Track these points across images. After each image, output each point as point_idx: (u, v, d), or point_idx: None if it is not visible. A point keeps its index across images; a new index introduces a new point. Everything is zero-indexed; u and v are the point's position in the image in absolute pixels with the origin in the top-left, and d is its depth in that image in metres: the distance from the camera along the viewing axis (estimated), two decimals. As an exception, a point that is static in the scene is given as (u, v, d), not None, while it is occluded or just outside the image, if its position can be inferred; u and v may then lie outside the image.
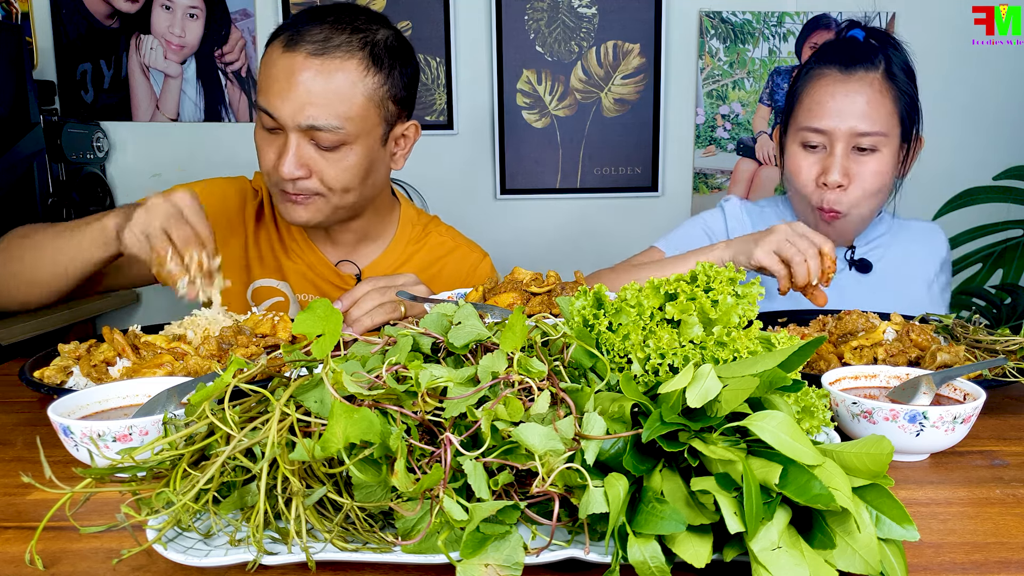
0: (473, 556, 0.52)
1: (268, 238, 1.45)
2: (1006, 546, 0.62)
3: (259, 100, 1.22)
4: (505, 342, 0.61)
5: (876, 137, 1.34)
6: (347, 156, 1.24)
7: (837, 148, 1.35)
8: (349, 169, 1.25)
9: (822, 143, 1.37)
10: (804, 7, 2.88)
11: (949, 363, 0.96)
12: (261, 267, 1.44)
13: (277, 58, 1.20)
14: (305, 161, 1.22)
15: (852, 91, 1.34)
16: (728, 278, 0.69)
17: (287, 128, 1.20)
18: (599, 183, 2.99)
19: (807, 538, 0.53)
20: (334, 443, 0.52)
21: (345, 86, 1.20)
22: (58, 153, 2.56)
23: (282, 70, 1.19)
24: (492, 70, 2.88)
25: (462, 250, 1.53)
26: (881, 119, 1.34)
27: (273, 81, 1.20)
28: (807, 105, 1.38)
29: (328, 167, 1.24)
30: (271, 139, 1.24)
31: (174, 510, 0.55)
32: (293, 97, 1.18)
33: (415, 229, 1.51)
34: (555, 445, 0.55)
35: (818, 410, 0.68)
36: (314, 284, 1.43)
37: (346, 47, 1.21)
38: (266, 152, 1.25)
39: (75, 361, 0.99)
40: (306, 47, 1.19)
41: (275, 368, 0.93)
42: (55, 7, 2.81)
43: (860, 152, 1.35)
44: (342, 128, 1.21)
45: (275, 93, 1.19)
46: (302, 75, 1.18)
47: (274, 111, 1.19)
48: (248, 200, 1.45)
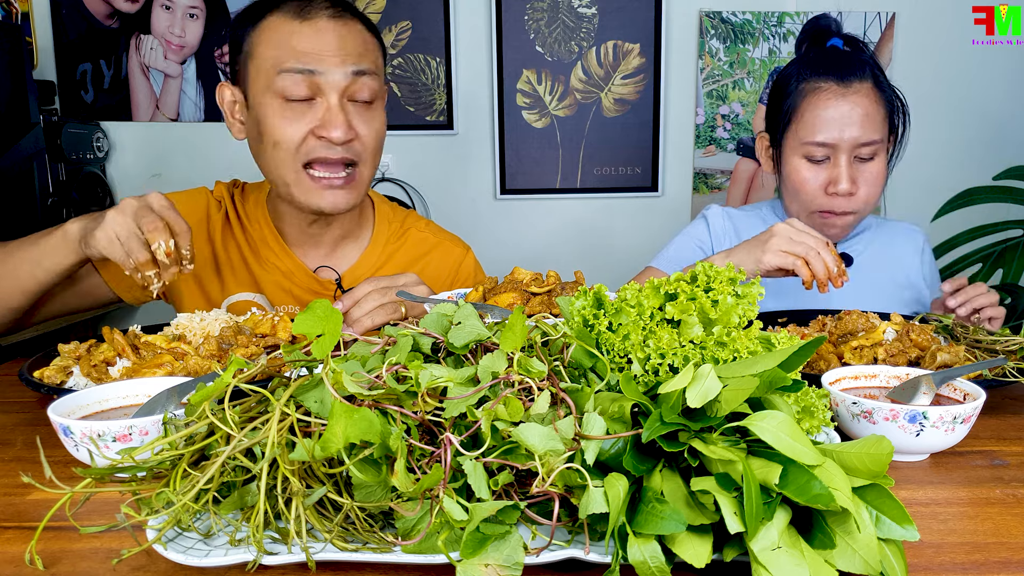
0: (473, 556, 0.52)
1: (238, 248, 1.39)
2: (1006, 546, 0.62)
3: (288, 64, 1.19)
4: (505, 342, 0.61)
5: (875, 146, 1.39)
6: (378, 112, 1.28)
7: (842, 159, 1.38)
8: (381, 130, 1.29)
9: (826, 155, 1.40)
10: (804, 7, 2.88)
11: (949, 363, 0.96)
12: (235, 280, 1.38)
13: (295, 27, 1.21)
14: (350, 121, 1.23)
15: (851, 103, 1.38)
16: (728, 278, 0.70)
17: (329, 86, 1.20)
18: (599, 183, 2.99)
19: (807, 538, 0.53)
20: (334, 443, 0.52)
21: (367, 39, 1.27)
22: (58, 153, 2.56)
23: (312, 31, 1.21)
24: (492, 70, 2.88)
25: (444, 245, 1.49)
26: (877, 127, 1.39)
27: (306, 43, 1.20)
28: (808, 120, 1.41)
29: (366, 127, 1.25)
30: (299, 111, 1.21)
31: (174, 510, 0.55)
32: (335, 48, 1.21)
33: (392, 227, 1.46)
34: (555, 445, 0.55)
35: (818, 410, 0.68)
36: (291, 294, 1.37)
37: (350, 13, 1.26)
38: (294, 127, 1.21)
39: (75, 361, 0.99)
40: (324, 12, 1.22)
41: (275, 368, 0.93)
42: (55, 7, 2.81)
43: (862, 161, 1.40)
44: (378, 75, 1.26)
45: (312, 52, 1.20)
46: (335, 31, 1.22)
47: (317, 66, 1.19)
48: (212, 212, 1.39)
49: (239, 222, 1.39)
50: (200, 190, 1.41)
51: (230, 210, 1.40)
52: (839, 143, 1.37)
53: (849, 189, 1.38)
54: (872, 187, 1.40)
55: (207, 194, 1.41)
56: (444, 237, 1.50)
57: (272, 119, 1.21)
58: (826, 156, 1.40)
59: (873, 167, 1.40)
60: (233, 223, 1.39)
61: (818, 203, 1.42)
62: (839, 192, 1.38)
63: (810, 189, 1.42)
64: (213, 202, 1.40)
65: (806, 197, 1.43)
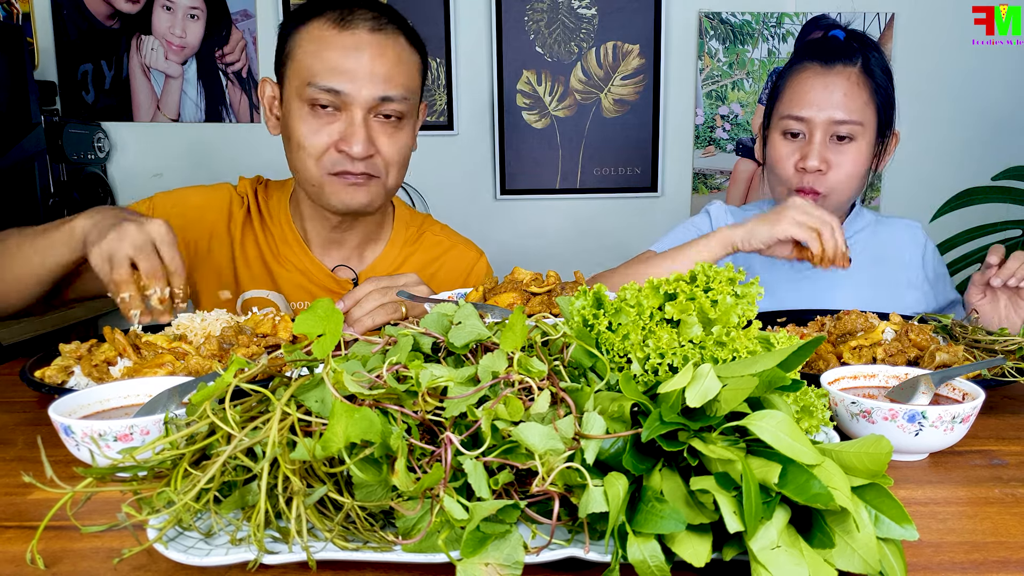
0: (473, 555, 0.53)
1: (256, 246, 1.40)
2: (1005, 545, 0.62)
3: (317, 80, 1.21)
4: (505, 342, 0.61)
5: (852, 126, 1.39)
6: (404, 131, 1.29)
7: (816, 136, 1.39)
8: (407, 144, 1.31)
9: (802, 131, 1.42)
10: (804, 7, 2.88)
11: (948, 363, 0.96)
12: (250, 277, 1.39)
13: (333, 37, 1.21)
14: (372, 138, 1.24)
15: (831, 83, 1.39)
16: (728, 278, 0.70)
17: (355, 104, 1.21)
18: (599, 183, 2.99)
19: (806, 537, 0.53)
20: (335, 442, 0.52)
21: (404, 57, 1.26)
22: (59, 153, 2.56)
23: (348, 46, 1.21)
24: (492, 70, 2.88)
25: (459, 248, 1.52)
26: (857, 109, 1.39)
27: (339, 58, 1.21)
28: (788, 96, 1.44)
29: (390, 143, 1.27)
30: (324, 121, 1.23)
31: (175, 509, 0.55)
32: (366, 71, 1.21)
33: (409, 230, 1.49)
34: (555, 444, 0.55)
35: (817, 410, 0.68)
36: (309, 292, 1.40)
37: (394, 25, 1.26)
38: (319, 136, 1.24)
39: (76, 361, 0.99)
40: (366, 24, 1.22)
41: (276, 368, 0.93)
42: (56, 7, 2.81)
43: (839, 141, 1.40)
44: (407, 99, 1.26)
45: (344, 70, 1.20)
46: (371, 50, 1.22)
47: (344, 86, 1.20)
48: (234, 208, 1.40)
49: (260, 219, 1.41)
50: (224, 186, 1.42)
51: (252, 207, 1.41)
52: (814, 119, 1.39)
53: (818, 166, 1.38)
54: (846, 169, 1.40)
55: (230, 190, 1.42)
56: (458, 241, 1.53)
57: (299, 125, 1.25)
58: (802, 132, 1.41)
59: (850, 149, 1.40)
60: (255, 220, 1.41)
61: (793, 180, 1.43)
62: (808, 168, 1.39)
63: (784, 165, 1.43)
64: (236, 198, 1.41)
65: (781, 173, 1.45)
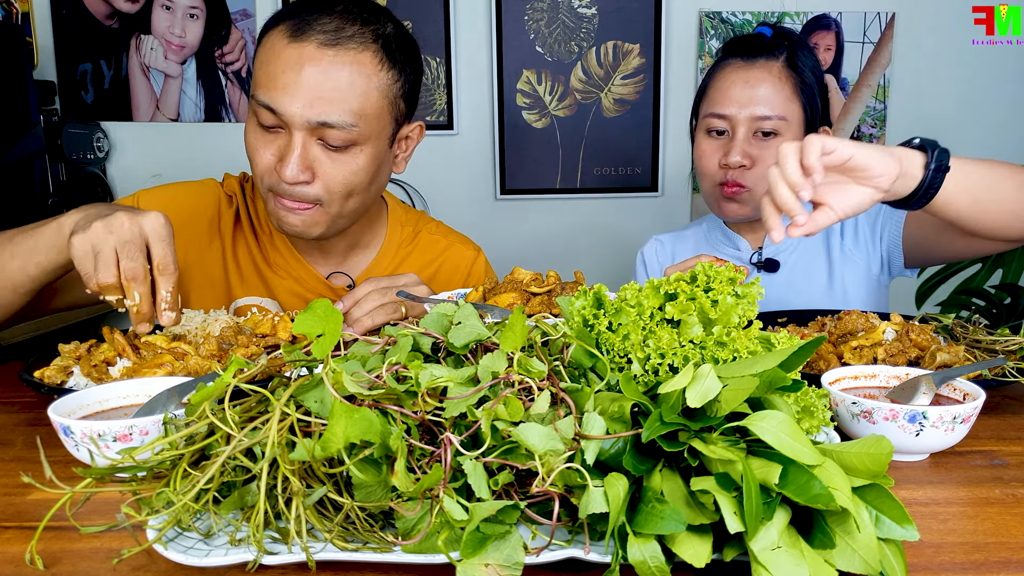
0: (473, 556, 0.52)
1: (248, 250, 1.32)
2: (1006, 546, 0.62)
3: (258, 94, 1.12)
4: (505, 342, 0.61)
5: (776, 121, 1.38)
6: (356, 158, 1.15)
7: (739, 132, 1.40)
8: (357, 172, 1.16)
9: (726, 128, 1.42)
10: (804, 7, 2.88)
11: (949, 363, 0.96)
12: (242, 284, 1.32)
13: (282, 48, 1.10)
14: (310, 163, 1.13)
15: (753, 78, 1.39)
16: (728, 278, 0.70)
17: (292, 126, 1.10)
18: (599, 183, 2.99)
19: (807, 538, 0.53)
20: (334, 443, 0.52)
21: (360, 80, 1.11)
22: (58, 153, 2.56)
23: (290, 61, 1.09)
24: (492, 70, 2.88)
25: (456, 247, 1.47)
26: (780, 104, 1.38)
27: (279, 73, 1.09)
28: (711, 94, 1.44)
29: (334, 169, 1.14)
30: (269, 138, 1.14)
31: (174, 510, 0.55)
32: (303, 91, 1.08)
33: (405, 230, 1.43)
34: (555, 445, 0.55)
35: (818, 410, 0.68)
36: (304, 300, 1.33)
37: (359, 38, 1.12)
38: (262, 153, 1.15)
39: (75, 361, 0.99)
40: (317, 37, 1.09)
41: (275, 368, 0.93)
42: (55, 7, 2.81)
43: (764, 137, 1.40)
44: (356, 126, 1.12)
45: (281, 87, 1.09)
46: (314, 67, 1.08)
47: (279, 106, 1.09)
48: (223, 208, 1.32)
49: (250, 223, 1.33)
50: (210, 183, 1.34)
51: (241, 209, 1.33)
52: (736, 116, 1.39)
53: (741, 162, 1.38)
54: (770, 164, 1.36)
55: (218, 187, 1.34)
56: (455, 239, 1.48)
57: (248, 137, 1.18)
58: (725, 129, 1.41)
59: (774, 144, 1.39)
60: (244, 223, 1.33)
61: (717, 176, 1.43)
62: (730, 164, 1.39)
63: (708, 162, 1.43)
64: (224, 196, 1.33)
65: (705, 170, 1.45)
